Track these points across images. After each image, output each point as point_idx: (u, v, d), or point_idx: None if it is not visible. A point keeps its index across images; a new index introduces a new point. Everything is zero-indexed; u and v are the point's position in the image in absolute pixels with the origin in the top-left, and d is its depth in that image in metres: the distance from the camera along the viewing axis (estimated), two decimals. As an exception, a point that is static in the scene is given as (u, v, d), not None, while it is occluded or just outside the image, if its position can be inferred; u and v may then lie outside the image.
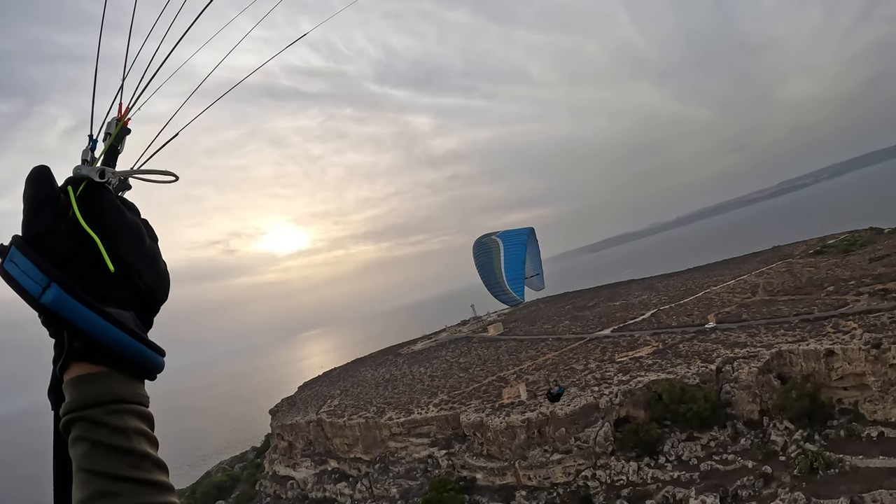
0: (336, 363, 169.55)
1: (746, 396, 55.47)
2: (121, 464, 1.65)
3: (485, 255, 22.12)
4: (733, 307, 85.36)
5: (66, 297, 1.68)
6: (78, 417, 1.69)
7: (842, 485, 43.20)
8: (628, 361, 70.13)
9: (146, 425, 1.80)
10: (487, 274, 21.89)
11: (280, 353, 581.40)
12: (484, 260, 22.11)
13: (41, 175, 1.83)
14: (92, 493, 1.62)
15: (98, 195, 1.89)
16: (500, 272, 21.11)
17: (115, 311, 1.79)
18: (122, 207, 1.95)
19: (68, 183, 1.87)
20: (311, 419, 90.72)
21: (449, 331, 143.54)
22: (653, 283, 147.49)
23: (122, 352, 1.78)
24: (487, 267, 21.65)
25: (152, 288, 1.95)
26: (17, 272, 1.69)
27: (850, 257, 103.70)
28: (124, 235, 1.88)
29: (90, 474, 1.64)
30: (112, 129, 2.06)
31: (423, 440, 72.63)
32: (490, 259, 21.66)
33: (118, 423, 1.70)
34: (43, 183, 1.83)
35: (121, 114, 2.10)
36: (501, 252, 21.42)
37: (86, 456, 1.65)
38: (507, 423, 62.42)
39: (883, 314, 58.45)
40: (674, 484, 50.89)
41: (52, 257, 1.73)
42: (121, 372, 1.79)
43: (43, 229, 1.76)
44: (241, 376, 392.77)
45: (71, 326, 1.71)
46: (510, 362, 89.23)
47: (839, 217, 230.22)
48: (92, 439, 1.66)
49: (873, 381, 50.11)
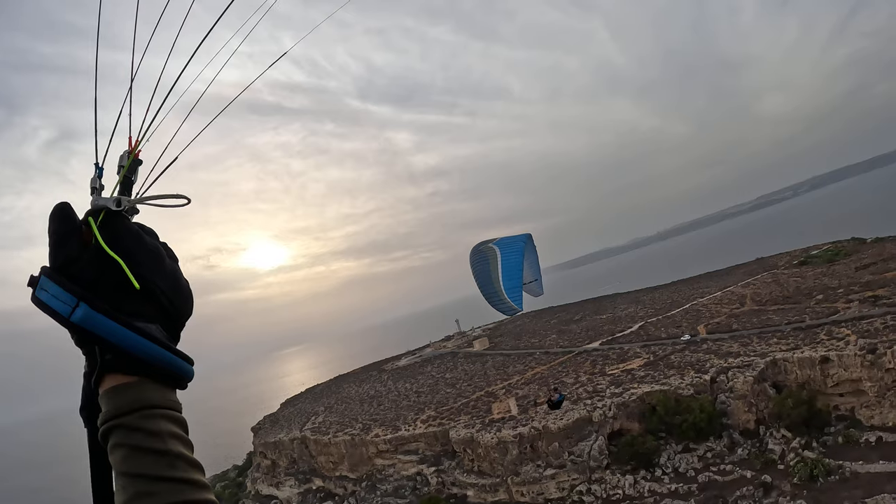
0: (318, 380, 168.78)
1: (742, 406, 55.87)
2: (157, 465, 1.79)
3: (482, 264, 21.93)
4: (722, 318, 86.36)
5: (94, 314, 1.85)
6: (115, 425, 1.84)
7: (843, 491, 43.58)
8: (620, 374, 70.33)
9: (180, 429, 1.95)
10: (485, 283, 21.69)
11: (260, 370, 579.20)
12: (481, 269, 21.92)
13: (62, 211, 1.99)
14: (132, 495, 1.74)
15: (116, 222, 2.07)
16: (497, 281, 20.96)
17: (141, 325, 1.95)
18: (139, 232, 2.13)
19: (88, 214, 2.06)
20: (295, 436, 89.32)
21: (433, 346, 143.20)
22: (638, 296, 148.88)
23: (152, 361, 1.94)
24: (485, 276, 21.47)
25: (175, 303, 2.11)
26: (47, 297, 1.85)
27: (835, 267, 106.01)
28: (144, 256, 2.05)
29: (129, 477, 1.76)
30: (125, 161, 2.25)
31: (412, 457, 71.70)
32: (487, 268, 21.45)
33: (152, 427, 1.85)
34: (64, 218, 1.98)
35: (131, 146, 2.29)
36: (499, 260, 21.27)
37: (124, 461, 1.79)
38: (498, 439, 61.93)
39: (875, 320, 59.63)
40: (671, 496, 50.81)
41: (80, 282, 1.90)
42: (152, 380, 1.95)
43: (69, 258, 1.93)
44: (221, 394, 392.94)
45: (101, 341, 1.88)
46: (498, 377, 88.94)
47: (820, 229, 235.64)
48: (129, 444, 1.81)
49: (870, 386, 50.86)
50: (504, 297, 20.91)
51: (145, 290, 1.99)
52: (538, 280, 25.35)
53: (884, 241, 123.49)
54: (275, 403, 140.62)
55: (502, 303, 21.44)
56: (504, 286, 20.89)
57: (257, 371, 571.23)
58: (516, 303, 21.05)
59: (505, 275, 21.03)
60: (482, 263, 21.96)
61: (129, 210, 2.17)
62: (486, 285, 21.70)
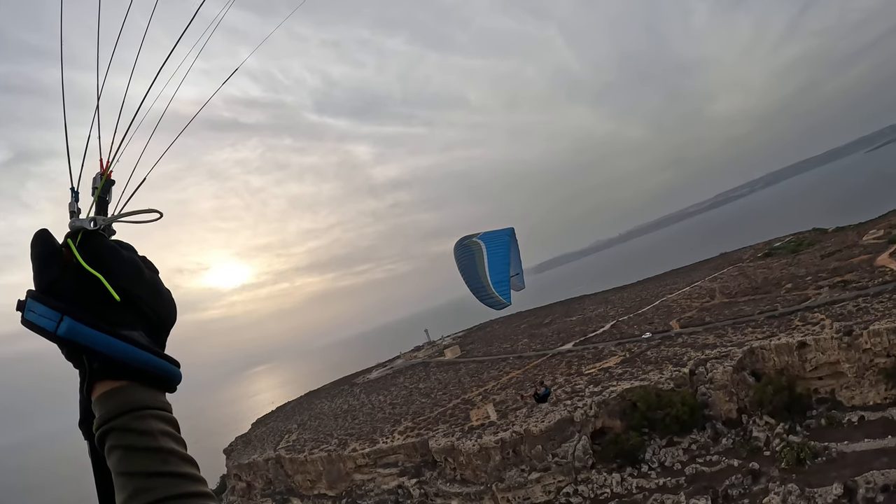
0: (288, 397, 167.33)
1: (723, 396, 56.73)
2: (151, 461, 1.90)
3: (467, 258, 21.71)
4: (694, 312, 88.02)
5: (77, 325, 1.98)
6: (108, 429, 1.95)
7: (832, 471, 44.55)
8: (597, 373, 70.69)
9: (171, 427, 2.06)
10: (472, 278, 21.48)
11: (228, 391, 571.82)
12: (467, 263, 21.69)
13: (42, 236, 2.15)
14: (130, 493, 1.84)
15: (94, 241, 2.21)
16: (484, 275, 20.76)
17: (125, 332, 2.09)
18: (116, 247, 2.25)
19: (67, 237, 2.19)
20: (270, 456, 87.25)
21: (404, 357, 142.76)
22: (606, 296, 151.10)
23: (138, 365, 2.06)
24: (471, 270, 21.23)
25: (157, 310, 2.24)
26: (34, 317, 1.99)
27: (800, 256, 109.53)
28: (122, 270, 2.18)
29: (126, 477, 1.88)
30: (97, 182, 2.39)
31: (391, 470, 70.46)
32: (473, 262, 21.25)
33: (143, 426, 1.96)
34: (44, 242, 2.14)
35: (103, 168, 2.42)
36: (485, 254, 21.11)
37: (120, 461, 1.90)
38: (479, 445, 61.33)
39: (847, 303, 61.57)
40: (661, 491, 51.06)
41: (64, 299, 2.04)
42: (140, 384, 2.06)
43: (52, 279, 2.07)
44: (190, 416, 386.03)
45: (87, 350, 2.01)
46: (473, 384, 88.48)
47: (779, 222, 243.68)
48: (122, 445, 1.92)
49: (848, 367, 52.32)
50: (492, 290, 20.68)
51: (126, 300, 2.12)
52: (520, 274, 25.23)
53: (845, 230, 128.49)
54: (245, 424, 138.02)
55: (490, 297, 21.19)
56: (491, 280, 20.71)
57: (225, 392, 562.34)
58: (504, 296, 20.79)
59: (491, 269, 20.88)
60: (468, 258, 21.73)
61: (105, 228, 2.30)
62: (472, 279, 21.45)
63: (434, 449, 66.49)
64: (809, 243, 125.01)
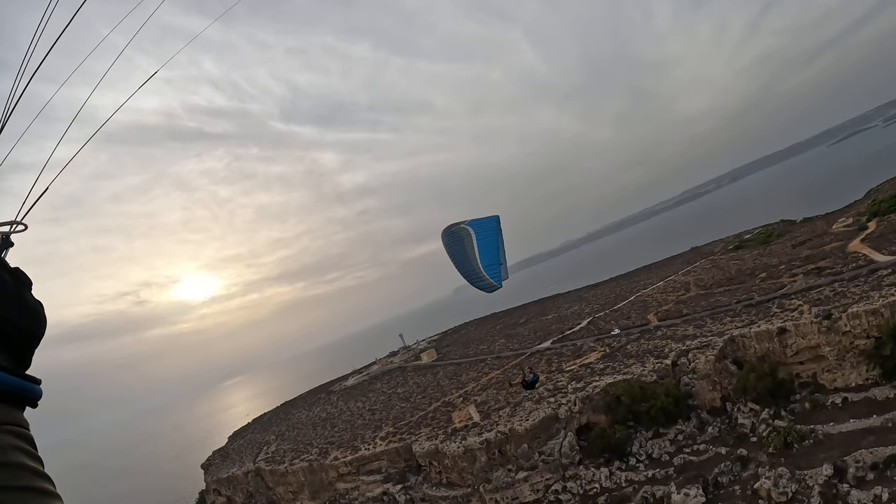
0: (263, 409, 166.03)
1: (706, 385, 57.45)
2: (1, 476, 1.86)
3: (457, 244, 21.63)
4: (671, 305, 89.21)
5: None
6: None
7: (820, 453, 45.36)
8: (578, 369, 70.97)
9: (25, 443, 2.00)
10: (462, 262, 21.56)
11: (202, 405, 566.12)
12: (456, 248, 21.56)
13: None
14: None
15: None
16: (475, 259, 20.82)
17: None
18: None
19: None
20: (249, 469, 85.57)
21: (380, 363, 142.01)
22: (580, 294, 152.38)
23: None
24: (461, 255, 21.09)
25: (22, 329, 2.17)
26: None
27: (771, 247, 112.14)
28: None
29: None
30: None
31: (375, 477, 69.53)
32: (463, 247, 21.12)
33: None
34: None
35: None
36: (474, 240, 21.17)
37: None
38: (464, 447, 60.91)
39: (824, 288, 63.04)
40: (650, 483, 51.35)
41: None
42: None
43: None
44: (164, 433, 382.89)
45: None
46: (452, 386, 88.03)
47: (747, 215, 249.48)
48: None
49: (829, 350, 53.47)
50: (483, 274, 20.76)
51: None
52: (503, 264, 25.30)
53: (813, 220, 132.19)
54: (221, 438, 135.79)
55: (482, 280, 21.35)
56: (482, 263, 20.71)
57: (199, 407, 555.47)
58: (495, 279, 20.94)
59: (482, 253, 21.05)
60: (457, 243, 21.64)
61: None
62: (463, 264, 21.54)
63: (418, 453, 65.84)
64: (779, 234, 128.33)
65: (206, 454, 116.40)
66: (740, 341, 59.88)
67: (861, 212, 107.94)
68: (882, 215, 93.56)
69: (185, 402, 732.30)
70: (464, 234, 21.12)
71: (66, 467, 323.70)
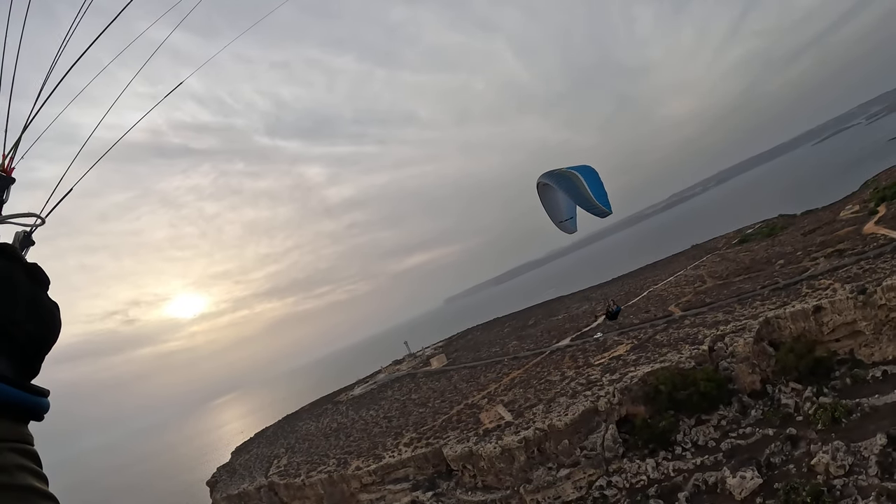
0: (258, 425, 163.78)
1: (746, 368, 58.00)
2: (6, 499, 1.76)
3: (565, 181, 23.15)
4: (690, 296, 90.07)
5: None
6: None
7: (870, 425, 46.39)
8: (608, 361, 71.28)
9: (31, 462, 1.91)
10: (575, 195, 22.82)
11: (195, 424, 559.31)
12: (566, 185, 23.09)
13: None
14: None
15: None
16: (587, 192, 22.10)
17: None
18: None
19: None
20: (262, 484, 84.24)
21: (386, 371, 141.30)
22: (586, 294, 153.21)
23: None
24: (573, 190, 22.60)
25: (32, 332, 2.05)
26: None
27: (780, 238, 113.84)
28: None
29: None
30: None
31: (403, 485, 68.73)
32: (573, 183, 22.65)
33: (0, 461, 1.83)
34: None
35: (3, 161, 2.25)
36: (582, 178, 22.70)
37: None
38: (501, 447, 60.59)
39: (851, 267, 64.21)
40: (700, 470, 51.64)
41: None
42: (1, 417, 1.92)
43: None
44: (159, 452, 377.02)
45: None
46: (472, 389, 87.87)
47: (739, 215, 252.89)
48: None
49: (865, 325, 54.50)
50: (596, 203, 21.99)
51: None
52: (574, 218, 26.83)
53: (814, 212, 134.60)
54: (220, 454, 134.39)
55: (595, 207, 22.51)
56: (594, 195, 22.03)
57: (192, 426, 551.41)
58: (606, 207, 22.16)
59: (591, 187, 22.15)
60: (565, 181, 23.15)
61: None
62: (576, 196, 22.76)
63: (450, 457, 65.38)
64: (782, 227, 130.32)
65: (208, 471, 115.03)
66: (775, 322, 60.64)
67: (866, 199, 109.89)
68: (890, 200, 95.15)
69: (177, 422, 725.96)
70: (570, 175, 22.96)
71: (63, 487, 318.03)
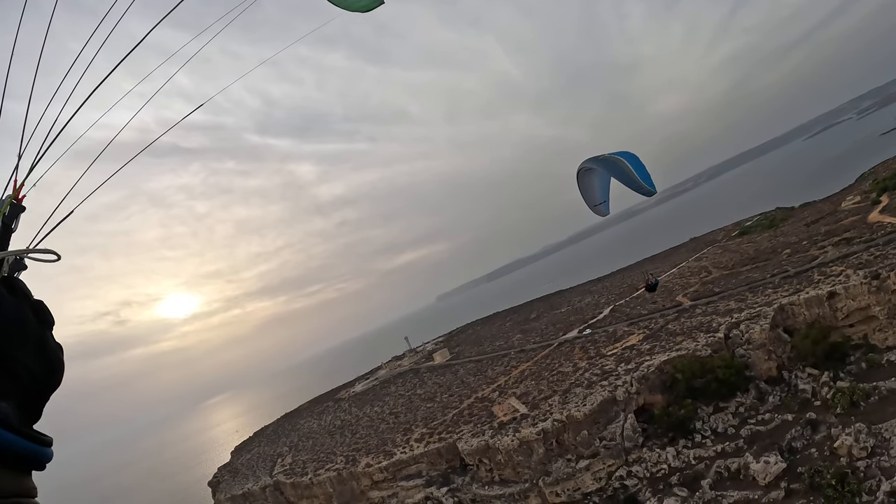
0: (252, 425, 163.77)
1: (762, 355, 58.85)
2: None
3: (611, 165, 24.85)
4: (697, 286, 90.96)
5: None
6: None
7: (889, 407, 48.01)
8: (621, 352, 71.89)
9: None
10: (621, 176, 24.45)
11: (189, 424, 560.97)
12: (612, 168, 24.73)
13: None
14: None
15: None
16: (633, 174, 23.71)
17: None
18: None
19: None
20: (267, 483, 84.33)
21: (387, 367, 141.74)
22: (586, 288, 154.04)
23: None
24: (618, 172, 24.32)
25: (38, 377, 1.98)
26: None
27: (782, 228, 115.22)
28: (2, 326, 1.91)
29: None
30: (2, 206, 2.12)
31: (416, 481, 68.98)
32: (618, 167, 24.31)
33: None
34: None
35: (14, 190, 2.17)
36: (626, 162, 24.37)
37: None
38: (519, 440, 61.02)
39: (861, 254, 65.41)
40: (722, 457, 52.43)
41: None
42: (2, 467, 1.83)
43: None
44: (156, 453, 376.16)
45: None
46: (480, 382, 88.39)
47: (733, 208, 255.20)
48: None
49: (879, 310, 55.73)
50: (642, 183, 23.64)
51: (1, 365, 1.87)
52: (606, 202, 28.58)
53: (813, 204, 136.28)
54: (217, 454, 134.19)
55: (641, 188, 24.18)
56: (639, 176, 23.67)
57: (185, 426, 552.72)
58: (651, 187, 23.89)
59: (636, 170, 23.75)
60: (611, 164, 24.74)
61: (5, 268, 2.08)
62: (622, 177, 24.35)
63: (465, 451, 65.74)
64: (782, 219, 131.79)
65: (206, 471, 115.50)
66: (789, 309, 61.62)
67: (866, 190, 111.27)
68: (892, 190, 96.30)
69: (172, 422, 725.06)
70: (616, 160, 24.62)
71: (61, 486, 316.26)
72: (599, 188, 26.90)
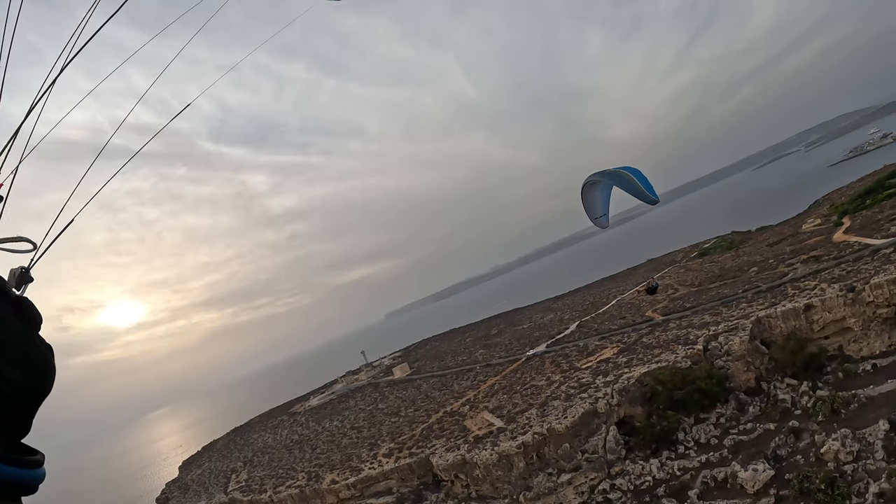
0: (199, 439, 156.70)
1: (741, 366, 60.16)
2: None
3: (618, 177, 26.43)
4: (666, 302, 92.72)
5: None
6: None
7: (869, 413, 50.07)
8: (597, 365, 72.20)
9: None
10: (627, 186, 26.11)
11: (129, 438, 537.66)
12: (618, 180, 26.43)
13: None
14: None
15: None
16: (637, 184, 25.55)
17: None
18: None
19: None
20: (221, 501, 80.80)
21: (344, 381, 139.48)
22: (546, 305, 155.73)
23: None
24: (625, 183, 25.99)
25: (22, 385, 1.86)
26: None
27: (743, 249, 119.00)
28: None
29: None
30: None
31: (385, 499, 67.02)
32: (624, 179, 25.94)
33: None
34: None
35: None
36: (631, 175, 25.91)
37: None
38: (498, 454, 60.18)
39: (833, 269, 68.04)
40: (708, 467, 53.00)
41: None
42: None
43: None
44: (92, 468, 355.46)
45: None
46: (447, 396, 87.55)
47: (681, 234, 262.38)
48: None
49: (854, 322, 58.04)
50: (646, 193, 25.48)
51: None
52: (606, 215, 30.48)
53: (770, 227, 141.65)
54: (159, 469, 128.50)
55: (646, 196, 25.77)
56: (643, 187, 25.62)
57: (125, 439, 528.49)
58: (654, 196, 25.68)
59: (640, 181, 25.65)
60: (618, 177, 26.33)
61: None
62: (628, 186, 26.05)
63: (441, 466, 64.49)
64: (741, 241, 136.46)
65: (150, 486, 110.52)
66: (766, 322, 63.33)
67: (824, 213, 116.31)
68: (853, 213, 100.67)
69: (110, 435, 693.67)
70: (621, 173, 26.32)
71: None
72: (601, 201, 28.71)
